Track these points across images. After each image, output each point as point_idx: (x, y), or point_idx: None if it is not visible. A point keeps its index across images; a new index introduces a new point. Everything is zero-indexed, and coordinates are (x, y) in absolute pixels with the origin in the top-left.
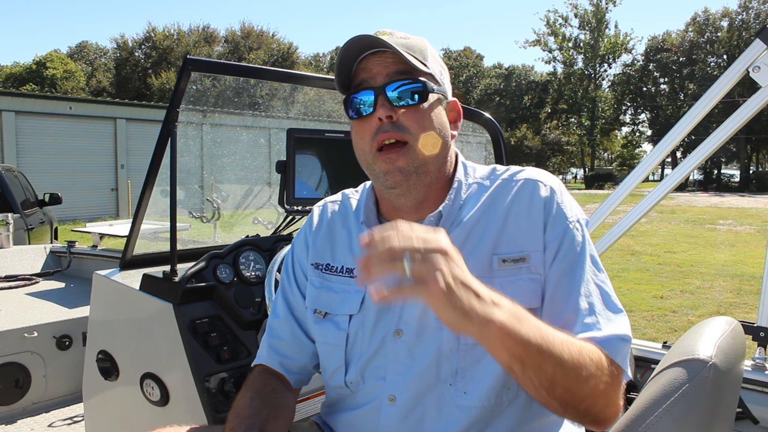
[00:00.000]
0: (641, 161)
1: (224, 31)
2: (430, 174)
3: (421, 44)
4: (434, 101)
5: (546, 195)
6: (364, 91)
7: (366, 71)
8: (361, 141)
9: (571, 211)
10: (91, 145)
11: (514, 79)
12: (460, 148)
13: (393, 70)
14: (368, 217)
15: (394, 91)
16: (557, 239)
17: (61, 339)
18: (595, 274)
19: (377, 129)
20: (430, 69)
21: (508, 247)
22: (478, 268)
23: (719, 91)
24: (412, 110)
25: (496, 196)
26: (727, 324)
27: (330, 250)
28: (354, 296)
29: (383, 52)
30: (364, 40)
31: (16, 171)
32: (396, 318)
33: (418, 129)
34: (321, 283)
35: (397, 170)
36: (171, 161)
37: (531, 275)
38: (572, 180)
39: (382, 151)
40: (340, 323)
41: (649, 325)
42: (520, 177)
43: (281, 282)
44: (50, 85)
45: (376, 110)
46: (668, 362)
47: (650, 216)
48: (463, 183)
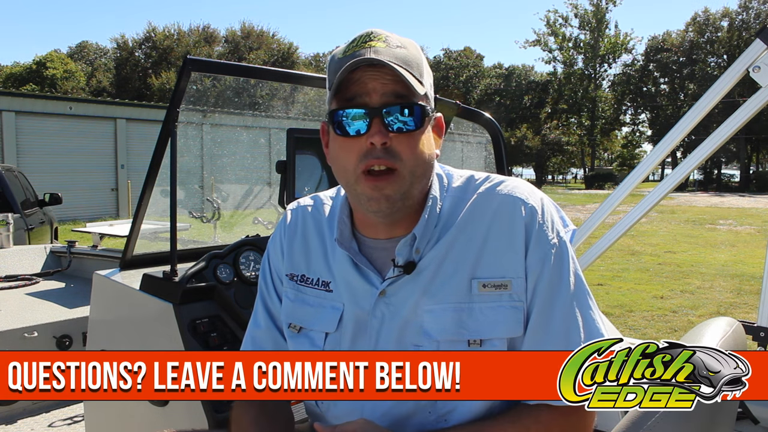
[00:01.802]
0: (641, 161)
1: (224, 31)
2: (413, 198)
3: (417, 56)
4: (427, 125)
5: (527, 216)
6: (358, 108)
7: (360, 85)
8: (346, 160)
9: (552, 231)
10: (91, 145)
11: (514, 79)
12: (460, 148)
13: (390, 90)
14: (342, 233)
15: (391, 116)
16: (539, 265)
17: (61, 339)
18: (577, 299)
19: (367, 152)
20: (426, 87)
21: (489, 271)
22: (457, 293)
23: (719, 91)
24: (406, 136)
25: (474, 211)
26: (728, 324)
27: (305, 260)
28: (330, 312)
29: (381, 66)
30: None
31: (16, 171)
32: (373, 340)
33: (410, 157)
34: (296, 295)
35: (383, 197)
36: (171, 161)
37: (513, 303)
38: (572, 180)
39: (370, 177)
40: (315, 339)
41: (649, 326)
42: (500, 191)
43: (260, 289)
44: (50, 85)
45: (369, 133)
46: None
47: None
48: (438, 199)
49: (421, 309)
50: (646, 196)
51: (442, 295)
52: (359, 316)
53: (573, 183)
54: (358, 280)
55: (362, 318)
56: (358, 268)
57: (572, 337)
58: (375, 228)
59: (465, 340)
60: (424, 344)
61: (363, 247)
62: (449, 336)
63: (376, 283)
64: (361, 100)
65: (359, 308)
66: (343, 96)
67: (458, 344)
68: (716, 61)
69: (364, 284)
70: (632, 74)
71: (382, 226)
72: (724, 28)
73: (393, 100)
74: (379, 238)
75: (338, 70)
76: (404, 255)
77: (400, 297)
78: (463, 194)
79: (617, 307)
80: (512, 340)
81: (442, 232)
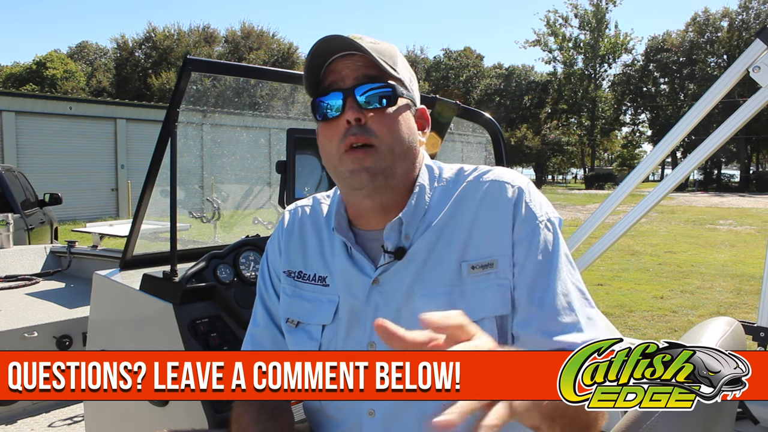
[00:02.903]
0: (641, 161)
1: (224, 31)
2: (397, 177)
3: (391, 50)
4: (402, 106)
5: (513, 196)
6: (333, 93)
7: (335, 73)
8: (329, 144)
9: (540, 209)
10: (91, 145)
11: (514, 79)
12: (460, 148)
13: (362, 73)
14: (339, 223)
15: (362, 94)
16: (526, 239)
17: (61, 339)
18: (570, 273)
19: (345, 131)
20: (400, 74)
21: (477, 253)
22: (448, 278)
23: (719, 91)
24: (380, 114)
25: (463, 198)
26: (728, 324)
27: (302, 257)
28: (326, 306)
29: (353, 56)
30: (335, 41)
31: (16, 171)
32: (369, 330)
33: (386, 132)
34: (293, 291)
35: (363, 170)
36: (171, 161)
37: (499, 281)
38: (572, 180)
39: (350, 151)
40: (312, 333)
41: (649, 326)
42: (487, 178)
43: (258, 289)
44: (50, 85)
45: (344, 112)
46: None
47: (650, 216)
48: (426, 187)
49: (414, 295)
50: (646, 196)
51: (434, 280)
52: (354, 306)
53: (573, 183)
54: (352, 270)
55: (357, 308)
56: (353, 259)
57: (570, 307)
58: (367, 218)
59: None
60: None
61: (357, 239)
62: None
63: (369, 272)
64: (336, 86)
65: (354, 298)
66: (321, 86)
67: None
68: (716, 61)
69: (358, 274)
70: (632, 74)
71: (372, 214)
72: (724, 28)
73: (365, 80)
74: (372, 229)
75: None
76: (393, 240)
77: (393, 284)
78: (453, 184)
79: (617, 307)
80: (501, 319)
81: (432, 220)
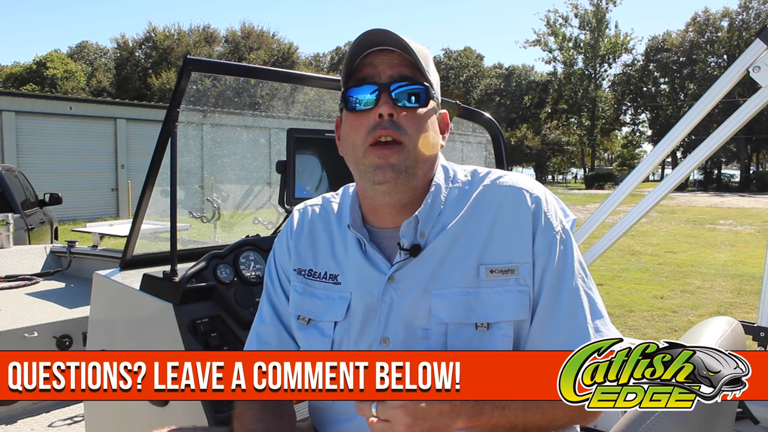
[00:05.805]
0: (641, 161)
1: (224, 31)
2: (418, 177)
3: (425, 52)
4: (431, 108)
5: (533, 205)
6: (368, 85)
7: (371, 67)
8: (355, 135)
9: (556, 219)
10: (91, 145)
11: (514, 79)
12: (460, 148)
13: (398, 71)
14: (354, 220)
15: (398, 90)
16: (546, 251)
17: (61, 339)
18: (583, 281)
19: (375, 125)
20: (431, 77)
21: (496, 258)
22: (464, 278)
23: (719, 91)
24: (412, 112)
25: (480, 201)
26: (728, 324)
27: (312, 255)
28: (338, 303)
29: (390, 52)
30: (378, 35)
31: (16, 171)
32: (382, 326)
33: (415, 131)
34: (304, 289)
35: (388, 166)
36: (171, 161)
37: (519, 287)
38: (572, 180)
39: (377, 146)
40: (324, 330)
41: (649, 325)
42: (504, 183)
43: (265, 287)
44: (50, 85)
45: (377, 106)
46: None
47: (650, 216)
48: (442, 187)
49: (429, 293)
50: (646, 196)
51: (450, 279)
52: (369, 302)
53: (573, 183)
54: (367, 267)
55: (372, 304)
56: (367, 256)
57: (578, 320)
58: (382, 216)
59: (472, 323)
60: (433, 327)
61: (372, 236)
62: (457, 319)
63: (384, 269)
64: (372, 80)
65: (369, 295)
66: (356, 77)
67: (466, 327)
68: (716, 61)
69: (372, 271)
70: (632, 74)
71: (388, 210)
72: (724, 28)
73: (401, 78)
74: (387, 227)
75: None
76: (409, 237)
77: (408, 282)
78: (469, 186)
79: (617, 307)
80: (519, 324)
81: (448, 220)
